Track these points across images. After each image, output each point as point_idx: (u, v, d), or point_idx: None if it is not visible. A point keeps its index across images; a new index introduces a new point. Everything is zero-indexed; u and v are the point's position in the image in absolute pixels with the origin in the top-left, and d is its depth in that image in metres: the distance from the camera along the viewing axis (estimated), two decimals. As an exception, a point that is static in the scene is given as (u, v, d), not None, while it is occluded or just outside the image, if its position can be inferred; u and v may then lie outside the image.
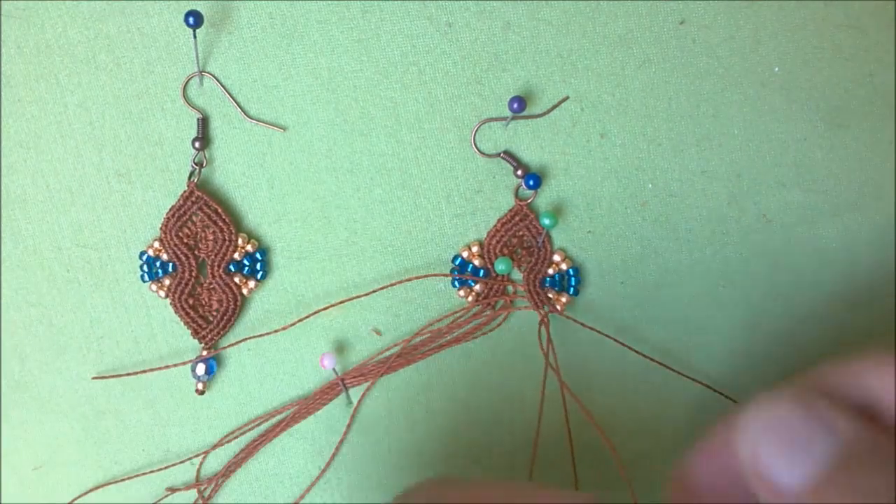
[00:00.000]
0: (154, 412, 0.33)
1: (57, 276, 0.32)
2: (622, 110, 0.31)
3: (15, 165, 0.32)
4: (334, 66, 0.31)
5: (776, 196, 0.32)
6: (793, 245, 0.32)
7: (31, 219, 0.32)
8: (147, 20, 0.31)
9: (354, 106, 0.31)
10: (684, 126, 0.31)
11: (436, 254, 0.32)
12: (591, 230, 0.32)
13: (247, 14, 0.31)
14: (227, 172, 0.32)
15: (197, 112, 0.32)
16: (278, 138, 0.32)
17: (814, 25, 0.31)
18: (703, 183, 0.32)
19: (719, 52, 0.31)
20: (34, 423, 0.33)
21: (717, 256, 0.32)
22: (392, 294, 0.32)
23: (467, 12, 0.31)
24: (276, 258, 0.32)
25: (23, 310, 0.32)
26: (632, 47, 0.31)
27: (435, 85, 0.31)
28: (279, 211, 0.32)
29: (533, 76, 0.31)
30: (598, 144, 0.32)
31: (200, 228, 0.32)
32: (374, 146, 0.32)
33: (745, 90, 0.31)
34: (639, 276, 0.32)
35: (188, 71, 0.31)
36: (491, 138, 0.32)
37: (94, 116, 0.31)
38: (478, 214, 0.32)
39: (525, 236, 0.32)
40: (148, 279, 0.32)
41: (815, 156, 0.32)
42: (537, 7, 0.31)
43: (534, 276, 0.32)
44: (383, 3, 0.31)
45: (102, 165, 0.32)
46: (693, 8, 0.31)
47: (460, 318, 0.32)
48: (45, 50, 0.31)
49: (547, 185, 0.32)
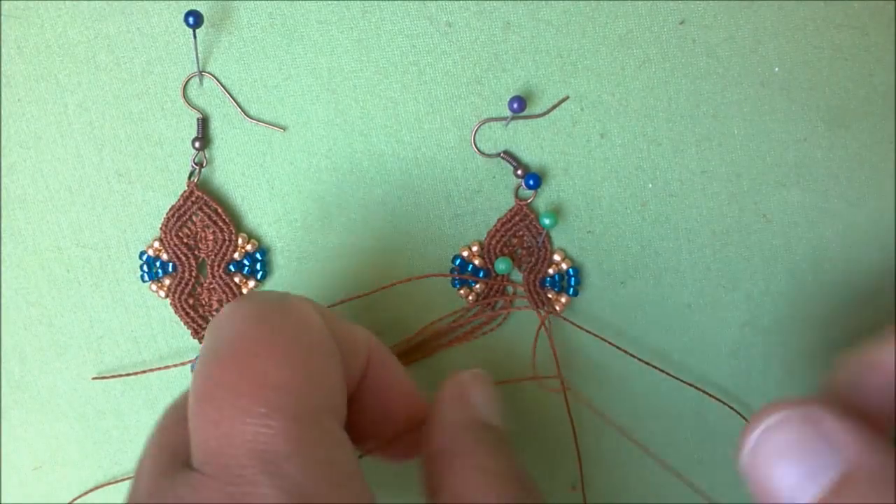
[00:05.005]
0: (154, 412, 0.33)
1: (57, 276, 0.32)
2: (622, 110, 0.31)
3: (15, 165, 0.32)
4: (334, 66, 0.31)
5: (776, 196, 0.32)
6: (793, 245, 0.32)
7: (31, 219, 0.32)
8: (147, 20, 0.31)
9: (354, 106, 0.31)
10: (684, 126, 0.31)
11: (436, 254, 0.32)
12: (591, 230, 0.32)
13: (247, 14, 0.31)
14: (227, 172, 0.32)
15: (197, 112, 0.32)
16: (278, 138, 0.32)
17: (814, 25, 0.31)
18: (703, 183, 0.32)
19: (719, 52, 0.31)
20: (34, 423, 0.33)
21: (717, 256, 0.32)
22: (392, 294, 0.32)
23: (467, 12, 0.31)
24: (276, 258, 0.32)
25: (23, 310, 0.32)
26: (632, 47, 0.31)
27: (435, 85, 0.31)
28: (279, 211, 0.32)
29: (533, 76, 0.31)
30: (598, 144, 0.32)
31: (200, 228, 0.32)
32: (374, 146, 0.32)
33: (745, 90, 0.31)
34: (639, 277, 0.32)
35: (188, 71, 0.31)
36: (491, 138, 0.32)
37: (94, 116, 0.31)
38: (478, 214, 0.32)
39: (525, 236, 0.32)
40: (148, 279, 0.32)
41: (815, 156, 0.32)
42: (537, 7, 0.31)
43: (534, 276, 0.32)
44: (383, 3, 0.31)
45: (102, 165, 0.32)
46: (693, 8, 0.31)
47: (460, 318, 0.32)
48: (45, 50, 0.31)
49: (547, 185, 0.32)
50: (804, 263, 0.32)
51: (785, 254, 0.32)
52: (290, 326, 0.22)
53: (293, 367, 0.21)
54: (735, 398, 0.33)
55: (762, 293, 0.32)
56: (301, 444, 0.20)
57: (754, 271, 0.32)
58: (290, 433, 0.20)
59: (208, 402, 0.21)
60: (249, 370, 0.21)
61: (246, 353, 0.21)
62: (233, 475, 0.20)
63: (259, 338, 0.22)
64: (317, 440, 0.21)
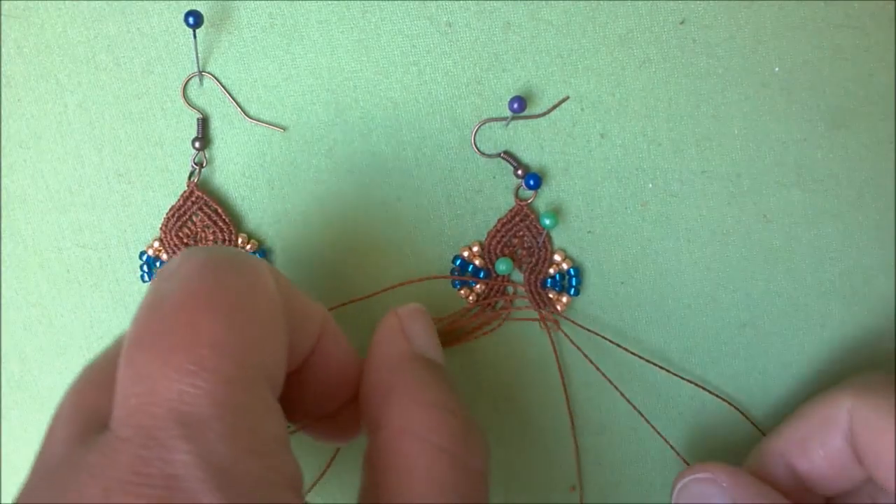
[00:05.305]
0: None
1: (57, 276, 0.32)
2: (622, 110, 0.31)
3: (15, 165, 0.32)
4: (334, 66, 0.31)
5: (776, 196, 0.32)
6: (793, 245, 0.32)
7: (31, 219, 0.32)
8: (147, 20, 0.31)
9: (354, 106, 0.31)
10: (684, 126, 0.31)
11: (436, 254, 0.32)
12: (591, 230, 0.32)
13: (247, 14, 0.31)
14: (227, 172, 0.32)
15: (197, 112, 0.32)
16: (278, 138, 0.32)
17: (814, 25, 0.31)
18: (703, 183, 0.32)
19: (719, 52, 0.31)
20: (34, 423, 0.33)
21: (717, 256, 0.32)
22: (392, 294, 0.32)
23: (467, 12, 0.31)
24: (277, 259, 0.32)
25: (23, 310, 0.32)
26: (632, 47, 0.31)
27: (435, 85, 0.31)
28: (279, 211, 0.32)
29: (533, 76, 0.31)
30: (599, 144, 0.32)
31: (200, 228, 0.32)
32: (374, 146, 0.32)
33: (745, 90, 0.31)
34: (639, 276, 0.32)
35: (188, 71, 0.31)
36: (491, 138, 0.32)
37: (94, 116, 0.31)
38: (478, 215, 0.32)
39: (525, 237, 0.32)
40: (148, 279, 0.32)
41: (815, 156, 0.32)
42: (537, 7, 0.31)
43: (535, 276, 0.32)
44: (383, 3, 0.31)
45: (102, 165, 0.32)
46: (693, 8, 0.31)
47: (461, 318, 0.32)
48: (45, 50, 0.31)
49: (547, 185, 0.32)
50: (804, 263, 0.32)
51: (785, 254, 0.32)
52: (238, 285, 0.21)
53: (233, 327, 0.20)
54: (735, 398, 0.33)
55: (762, 293, 0.32)
56: (226, 410, 0.19)
57: (754, 271, 0.32)
58: (216, 396, 0.19)
59: (138, 353, 0.19)
60: (186, 324, 0.19)
61: (185, 305, 0.20)
62: (148, 437, 0.18)
63: (202, 292, 0.20)
64: (245, 407, 0.19)
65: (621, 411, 0.33)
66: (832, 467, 0.28)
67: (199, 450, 0.18)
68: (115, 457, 0.18)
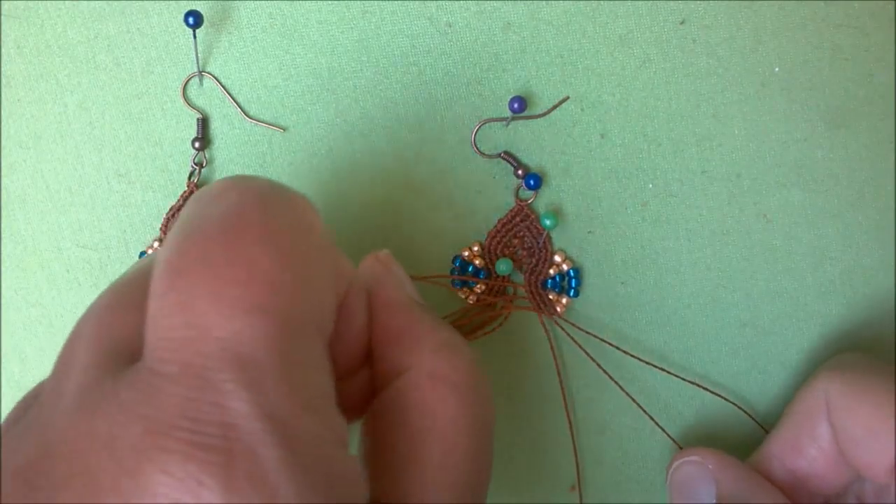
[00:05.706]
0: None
1: (57, 276, 0.32)
2: (622, 110, 0.31)
3: (15, 165, 0.32)
4: (334, 66, 0.31)
5: (776, 196, 0.32)
6: (793, 245, 0.32)
7: (31, 219, 0.32)
8: (147, 20, 0.31)
9: (354, 106, 0.31)
10: (684, 126, 0.31)
11: (436, 254, 0.32)
12: (591, 230, 0.32)
13: (247, 14, 0.31)
14: (227, 172, 0.32)
15: (197, 112, 0.32)
16: (278, 138, 0.32)
17: (814, 25, 0.31)
18: (703, 183, 0.32)
19: (719, 52, 0.31)
20: (34, 423, 0.33)
21: (717, 256, 0.32)
22: (392, 294, 0.32)
23: (467, 12, 0.31)
24: (277, 258, 0.32)
25: (23, 310, 0.32)
26: (632, 47, 0.31)
27: (435, 85, 0.31)
28: (279, 211, 0.32)
29: (533, 76, 0.31)
30: (598, 145, 0.32)
31: (200, 228, 0.32)
32: (374, 146, 0.32)
33: (745, 90, 0.31)
34: (639, 277, 0.32)
35: (188, 71, 0.31)
36: (491, 139, 0.32)
37: (94, 116, 0.31)
38: (478, 215, 0.32)
39: (526, 237, 0.32)
40: (148, 279, 0.32)
41: (815, 156, 0.32)
42: (537, 7, 0.31)
43: (535, 277, 0.32)
44: (383, 3, 0.31)
45: (102, 165, 0.32)
46: (693, 8, 0.31)
47: (461, 319, 0.32)
48: (45, 50, 0.31)
49: (547, 185, 0.32)
50: (804, 263, 0.32)
51: (785, 254, 0.32)
52: (292, 220, 0.18)
53: (289, 266, 0.17)
54: (735, 399, 0.33)
55: (762, 293, 0.32)
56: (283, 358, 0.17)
57: (754, 271, 0.32)
58: (273, 341, 0.16)
59: (180, 280, 0.17)
60: (241, 252, 0.17)
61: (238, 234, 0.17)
62: (197, 376, 0.16)
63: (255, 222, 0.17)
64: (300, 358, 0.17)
65: (622, 411, 0.33)
66: (827, 461, 0.28)
67: (258, 398, 0.16)
68: (158, 396, 0.16)
